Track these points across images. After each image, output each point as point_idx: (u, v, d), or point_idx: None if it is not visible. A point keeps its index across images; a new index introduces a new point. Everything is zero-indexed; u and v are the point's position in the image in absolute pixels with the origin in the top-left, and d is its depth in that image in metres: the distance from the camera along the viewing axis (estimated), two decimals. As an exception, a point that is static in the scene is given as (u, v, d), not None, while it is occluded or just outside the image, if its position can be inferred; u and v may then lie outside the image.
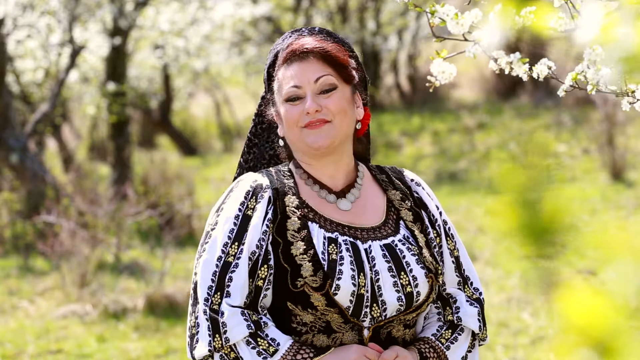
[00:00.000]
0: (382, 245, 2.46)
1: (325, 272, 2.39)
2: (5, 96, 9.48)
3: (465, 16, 1.94)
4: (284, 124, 2.52)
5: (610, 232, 8.67)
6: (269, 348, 2.38)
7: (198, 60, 14.84)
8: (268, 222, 2.46)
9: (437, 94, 15.64)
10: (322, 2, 14.90)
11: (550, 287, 6.68)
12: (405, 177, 2.62)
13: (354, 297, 2.40)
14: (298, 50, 2.50)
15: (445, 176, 11.22)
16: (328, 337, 2.43)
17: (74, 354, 6.26)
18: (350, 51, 2.58)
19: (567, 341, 1.26)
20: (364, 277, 2.41)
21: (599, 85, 1.96)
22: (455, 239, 2.59)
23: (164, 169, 10.79)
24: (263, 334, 2.40)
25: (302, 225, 2.46)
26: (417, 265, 2.45)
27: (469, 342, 2.55)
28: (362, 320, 2.42)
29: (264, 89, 2.65)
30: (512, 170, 1.26)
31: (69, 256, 7.61)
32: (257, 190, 2.50)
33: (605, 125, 10.35)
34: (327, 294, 2.39)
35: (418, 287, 2.44)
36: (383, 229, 2.50)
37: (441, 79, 1.99)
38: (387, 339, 2.46)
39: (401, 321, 2.47)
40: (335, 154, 2.52)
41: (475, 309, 2.55)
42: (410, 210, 2.55)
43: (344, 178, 2.56)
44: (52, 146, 14.14)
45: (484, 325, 2.56)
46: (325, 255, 2.42)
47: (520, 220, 1.29)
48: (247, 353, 2.38)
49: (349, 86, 2.53)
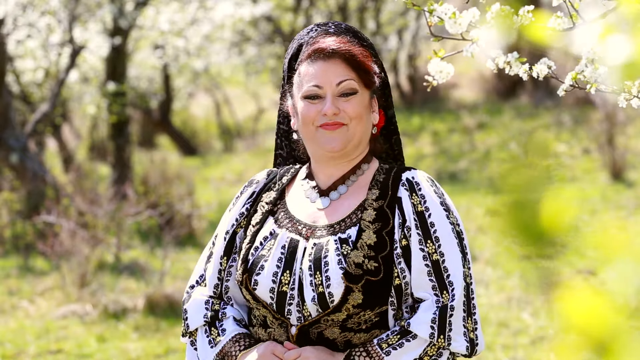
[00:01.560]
0: (315, 244, 2.45)
1: (246, 267, 2.46)
2: (5, 96, 9.48)
3: (463, 15, 1.93)
4: (300, 120, 2.52)
5: (610, 232, 8.64)
6: (216, 338, 2.52)
7: (198, 60, 14.83)
8: (239, 216, 2.56)
9: (437, 94, 15.63)
10: (322, 2, 14.90)
11: (550, 287, 6.68)
12: (400, 178, 2.51)
13: (274, 294, 2.43)
14: (324, 49, 2.49)
15: (445, 176, 11.21)
16: (265, 331, 2.50)
17: (74, 354, 6.26)
18: (374, 55, 2.58)
19: (567, 341, 1.26)
20: (290, 274, 2.42)
21: (597, 83, 1.96)
22: (441, 242, 2.43)
23: (164, 169, 10.79)
24: (218, 324, 2.53)
25: (261, 220, 2.53)
26: (336, 266, 2.39)
27: (421, 350, 2.39)
28: (288, 318, 2.44)
29: (282, 78, 2.65)
30: (512, 170, 1.26)
31: (69, 256, 7.61)
32: (248, 185, 2.62)
33: (605, 125, 10.35)
34: (248, 288, 2.45)
35: (330, 287, 2.38)
36: (334, 227, 2.48)
37: (439, 78, 1.99)
38: (318, 339, 2.43)
39: (332, 323, 2.41)
40: (344, 157, 2.53)
41: (431, 316, 2.39)
42: (376, 210, 2.46)
43: (340, 177, 2.56)
44: (52, 146, 14.13)
45: (441, 333, 2.38)
46: (257, 251, 2.48)
47: (520, 221, 1.29)
48: (201, 341, 2.55)
49: (369, 91, 2.54)
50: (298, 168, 2.62)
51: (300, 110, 2.51)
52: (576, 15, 1.92)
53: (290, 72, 2.58)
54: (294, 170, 2.62)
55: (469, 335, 2.43)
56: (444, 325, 2.40)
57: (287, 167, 2.63)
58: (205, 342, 2.53)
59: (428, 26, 1.97)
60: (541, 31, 1.91)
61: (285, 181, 2.58)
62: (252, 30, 15.12)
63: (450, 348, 2.41)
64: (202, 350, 2.54)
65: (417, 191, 2.48)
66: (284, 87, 2.62)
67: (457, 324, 2.42)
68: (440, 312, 2.40)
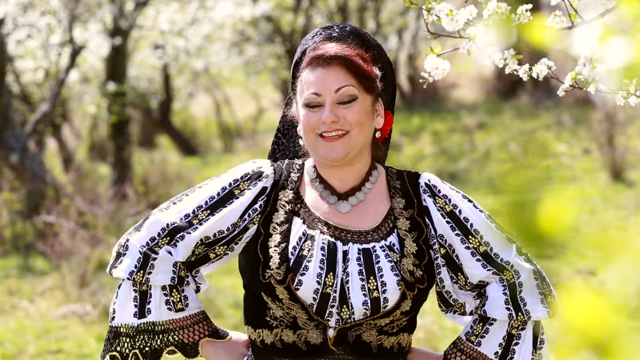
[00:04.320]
0: (360, 249, 2.45)
1: (289, 266, 2.41)
2: (5, 96, 9.48)
3: (459, 13, 1.93)
4: (302, 128, 2.51)
5: (610, 232, 8.68)
6: (177, 303, 2.50)
7: (198, 60, 14.84)
8: (252, 211, 2.51)
9: (437, 94, 15.64)
10: (322, 2, 14.90)
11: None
12: (419, 185, 2.55)
13: (317, 295, 2.40)
14: (322, 55, 2.47)
15: (445, 176, 11.21)
16: (294, 333, 2.46)
17: (74, 354, 6.26)
18: (378, 58, 2.54)
19: (567, 342, 1.26)
20: (334, 277, 2.41)
21: (596, 82, 1.96)
22: (482, 232, 2.50)
23: (164, 169, 10.80)
24: (180, 289, 2.51)
25: (286, 219, 2.49)
26: (390, 272, 2.42)
27: (506, 328, 2.49)
28: (327, 320, 2.43)
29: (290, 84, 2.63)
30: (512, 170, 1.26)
31: (69, 256, 7.61)
32: (255, 176, 2.55)
33: (605, 125, 10.35)
34: (289, 288, 2.41)
35: (386, 293, 2.40)
36: (371, 234, 2.48)
37: (435, 75, 1.99)
38: (355, 342, 2.45)
39: (373, 326, 2.44)
40: (348, 164, 2.51)
41: (502, 297, 2.48)
42: (409, 219, 2.51)
43: (353, 182, 2.54)
44: (52, 146, 14.13)
45: (518, 310, 2.47)
46: (296, 251, 2.44)
47: (520, 221, 1.29)
48: (157, 297, 2.50)
49: (371, 96, 2.50)
50: (301, 164, 2.60)
51: (301, 118, 2.50)
52: (575, 14, 1.92)
53: (294, 79, 2.56)
54: (298, 166, 2.59)
55: (547, 300, 2.50)
56: (517, 302, 2.48)
57: (287, 162, 2.60)
58: (162, 300, 2.49)
59: (425, 24, 1.96)
60: (540, 30, 1.91)
61: (297, 179, 2.56)
62: (252, 30, 15.12)
63: (532, 319, 2.50)
64: (156, 306, 2.50)
65: (437, 193, 2.54)
66: (289, 93, 2.61)
67: (530, 296, 2.49)
68: (510, 291, 2.49)
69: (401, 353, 2.52)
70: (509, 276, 2.49)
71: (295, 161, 2.61)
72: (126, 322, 2.51)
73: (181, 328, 2.52)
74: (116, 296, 2.54)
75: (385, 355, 2.48)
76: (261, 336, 2.50)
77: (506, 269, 2.50)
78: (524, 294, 2.49)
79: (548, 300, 2.50)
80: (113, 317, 2.53)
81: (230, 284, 7.55)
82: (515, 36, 1.91)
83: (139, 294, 2.51)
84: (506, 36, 1.89)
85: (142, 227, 2.52)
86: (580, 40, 1.88)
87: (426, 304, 6.40)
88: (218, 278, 7.58)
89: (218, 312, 6.96)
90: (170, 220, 2.51)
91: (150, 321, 2.50)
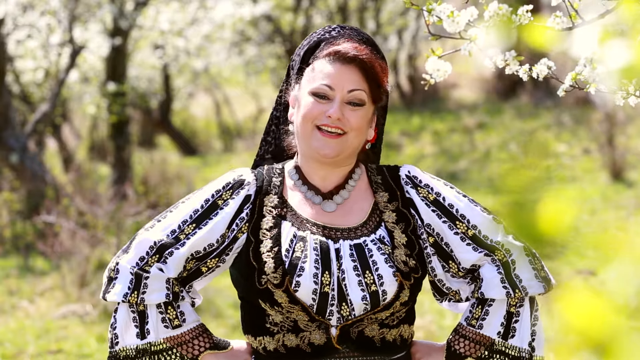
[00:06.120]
0: (352, 245, 2.46)
1: (285, 268, 2.42)
2: (5, 96, 9.48)
3: (460, 14, 1.93)
4: (300, 114, 2.51)
5: (610, 232, 8.68)
6: (173, 320, 2.50)
7: (198, 60, 14.84)
8: (239, 221, 2.51)
9: (437, 94, 15.64)
10: (322, 2, 14.90)
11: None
12: (400, 177, 2.59)
13: (316, 295, 2.41)
14: (346, 53, 2.49)
15: (446, 176, 11.21)
16: (296, 336, 2.46)
17: (74, 354, 6.26)
18: (388, 74, 2.58)
19: (567, 342, 1.26)
20: (330, 275, 2.42)
21: (596, 82, 1.96)
22: (468, 217, 2.53)
23: (164, 169, 10.80)
24: (175, 305, 2.50)
25: (275, 224, 2.50)
26: (385, 265, 2.43)
27: (505, 307, 2.51)
28: (329, 319, 2.43)
29: (289, 71, 2.62)
30: (512, 170, 1.26)
31: (69, 256, 7.62)
32: (237, 185, 2.55)
33: (605, 125, 10.35)
34: (288, 291, 2.41)
35: (384, 285, 2.42)
36: (360, 229, 2.50)
37: (436, 76, 1.99)
38: (358, 338, 2.45)
39: (374, 320, 2.45)
40: (334, 165, 2.53)
41: (497, 276, 2.50)
42: (395, 211, 2.53)
43: (336, 180, 2.56)
44: (52, 146, 14.13)
45: (514, 287, 2.49)
46: (289, 253, 2.44)
47: (520, 221, 1.29)
48: (154, 317, 2.49)
49: (374, 106, 2.55)
50: (281, 168, 2.60)
51: (303, 104, 2.50)
52: (575, 15, 1.92)
53: (303, 64, 2.56)
54: (279, 170, 2.60)
55: (540, 274, 2.53)
56: (512, 280, 2.51)
57: (267, 168, 2.61)
58: (158, 319, 2.49)
59: (426, 25, 1.97)
60: (540, 31, 1.91)
61: (279, 183, 2.57)
62: (252, 30, 15.12)
63: (529, 295, 2.52)
64: (153, 326, 2.49)
65: (419, 184, 2.57)
66: (290, 77, 2.61)
67: (524, 273, 2.52)
68: (505, 270, 2.52)
69: (404, 345, 2.53)
70: (500, 256, 2.52)
71: (275, 165, 2.61)
72: (130, 345, 2.51)
73: (180, 344, 2.52)
74: (115, 321, 2.52)
75: (389, 349, 2.49)
76: (263, 343, 2.50)
77: (497, 249, 2.52)
78: (518, 271, 2.52)
79: (541, 274, 2.53)
80: (116, 342, 2.51)
81: (230, 284, 7.55)
82: (516, 37, 1.91)
83: (137, 314, 2.50)
84: (507, 37, 1.89)
85: (130, 248, 2.51)
86: (581, 40, 1.88)
87: (425, 303, 6.41)
88: (217, 278, 7.57)
89: (218, 312, 6.96)
90: (157, 238, 2.50)
91: (148, 342, 2.50)
